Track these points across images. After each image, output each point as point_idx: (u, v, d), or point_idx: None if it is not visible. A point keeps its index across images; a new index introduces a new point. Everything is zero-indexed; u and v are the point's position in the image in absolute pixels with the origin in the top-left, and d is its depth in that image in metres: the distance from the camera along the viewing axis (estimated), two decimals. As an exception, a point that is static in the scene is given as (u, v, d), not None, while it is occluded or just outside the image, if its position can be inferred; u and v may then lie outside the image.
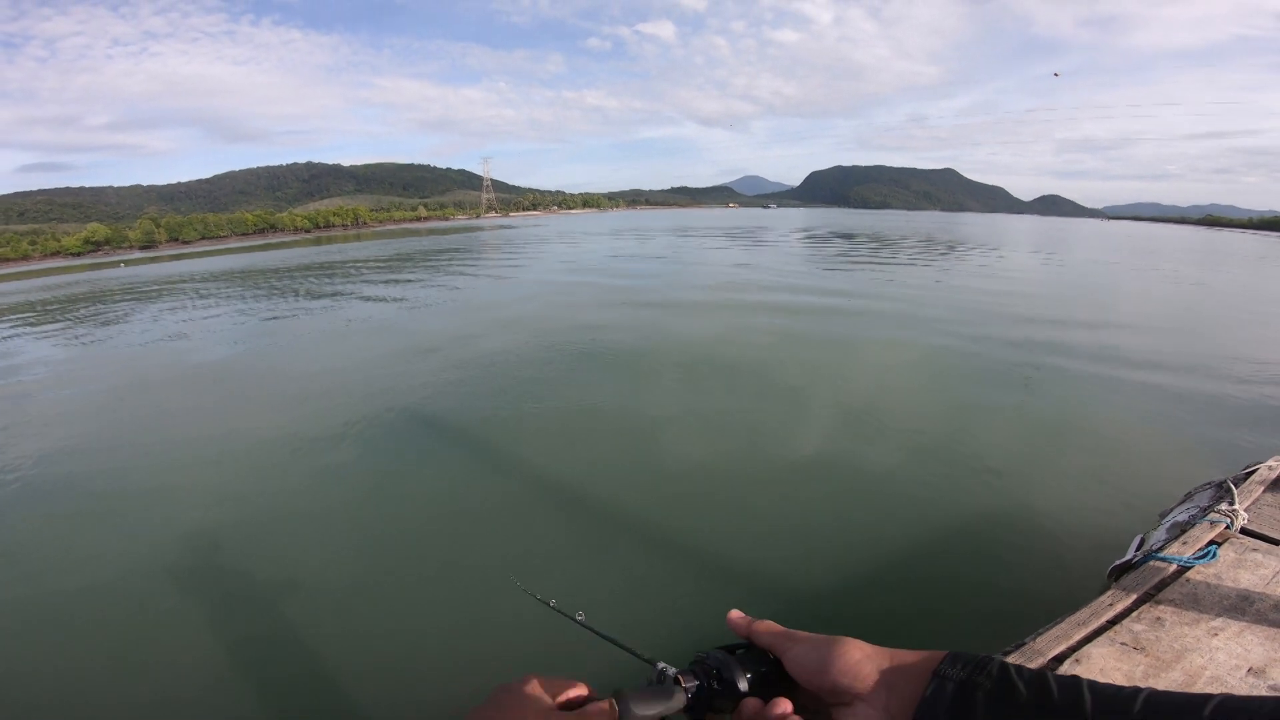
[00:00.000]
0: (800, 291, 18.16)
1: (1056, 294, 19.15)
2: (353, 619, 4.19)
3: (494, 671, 3.61)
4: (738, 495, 5.62)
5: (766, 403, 8.07)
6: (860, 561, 4.55)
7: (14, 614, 4.46)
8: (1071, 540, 4.72)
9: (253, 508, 5.82)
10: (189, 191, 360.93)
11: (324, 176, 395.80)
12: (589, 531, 5.20)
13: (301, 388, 9.66)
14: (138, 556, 5.08)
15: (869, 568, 4.46)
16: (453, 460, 6.70)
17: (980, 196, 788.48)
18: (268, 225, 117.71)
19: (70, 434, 8.07)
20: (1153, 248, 45.06)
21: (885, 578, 4.36)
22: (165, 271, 39.63)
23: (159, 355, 12.76)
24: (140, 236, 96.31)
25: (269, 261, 42.28)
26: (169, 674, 3.78)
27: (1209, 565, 2.69)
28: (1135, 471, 6.00)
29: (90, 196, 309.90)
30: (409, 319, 15.78)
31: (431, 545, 5.06)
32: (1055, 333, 12.31)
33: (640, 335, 12.02)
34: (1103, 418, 7.60)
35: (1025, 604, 3.94)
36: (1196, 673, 1.99)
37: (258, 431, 7.72)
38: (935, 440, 6.86)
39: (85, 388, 10.61)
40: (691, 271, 24.79)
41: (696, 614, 3.94)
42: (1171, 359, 10.35)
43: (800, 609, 4.06)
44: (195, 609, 4.39)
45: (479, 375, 9.62)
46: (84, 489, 6.39)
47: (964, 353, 10.61)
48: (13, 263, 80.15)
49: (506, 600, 4.20)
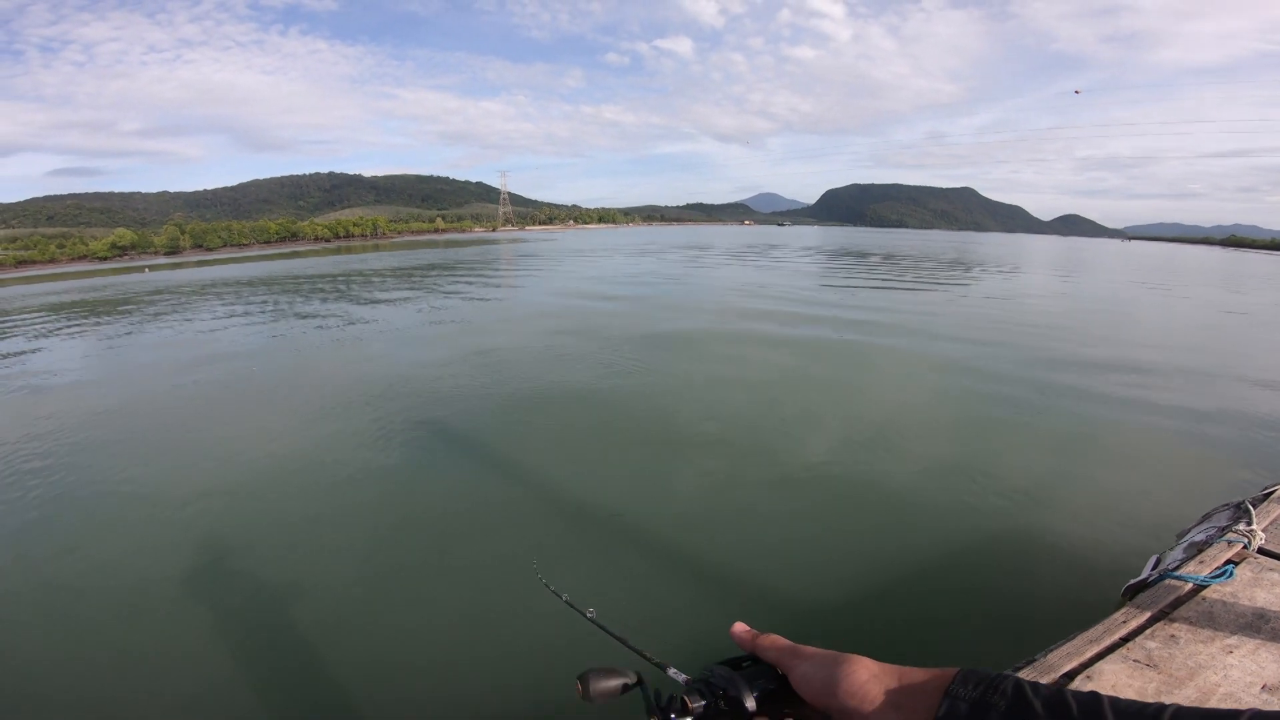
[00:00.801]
0: (813, 305, 18.14)
1: (1074, 313, 18.96)
2: (363, 617, 4.22)
3: (504, 669, 3.63)
4: (749, 504, 5.62)
5: (781, 416, 8.05)
6: (869, 573, 4.52)
7: (23, 605, 4.55)
8: (1086, 558, 4.65)
9: (265, 509, 5.89)
10: (214, 199, 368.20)
11: (345, 186, 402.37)
12: (598, 536, 5.20)
13: (320, 393, 9.78)
14: (150, 553, 5.15)
15: (878, 579, 4.43)
16: (464, 465, 6.75)
17: (999, 216, 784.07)
18: (290, 234, 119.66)
19: (87, 432, 8.22)
20: (1173, 267, 44.51)
21: (895, 590, 4.32)
22: (188, 278, 40.33)
23: (175, 359, 12.98)
24: (166, 242, 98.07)
25: (291, 270, 42.94)
26: (179, 670, 3.82)
27: (1225, 584, 2.65)
28: (1151, 492, 5.92)
29: (118, 202, 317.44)
30: (428, 328, 15.97)
31: (442, 546, 5.09)
32: (1074, 350, 12.20)
33: (654, 348, 12.06)
34: (1120, 437, 7.51)
35: (1037, 620, 3.89)
36: (1210, 690, 1.96)
37: (273, 433, 7.82)
38: (949, 455, 6.81)
39: (100, 389, 10.82)
40: (707, 289, 24.88)
41: (702, 619, 3.93)
42: (1190, 380, 10.21)
43: (808, 619, 4.03)
44: (206, 606, 4.44)
45: (496, 383, 9.70)
46: (98, 487, 6.49)
47: (979, 371, 10.53)
48: (40, 265, 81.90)
49: (517, 599, 4.23)
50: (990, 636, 3.82)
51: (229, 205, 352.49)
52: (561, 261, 40.79)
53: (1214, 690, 1.95)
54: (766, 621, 0.73)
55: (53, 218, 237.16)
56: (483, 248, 72.98)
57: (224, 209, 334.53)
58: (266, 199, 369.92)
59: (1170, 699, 1.95)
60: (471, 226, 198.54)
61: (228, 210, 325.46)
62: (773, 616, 4.09)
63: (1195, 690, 1.97)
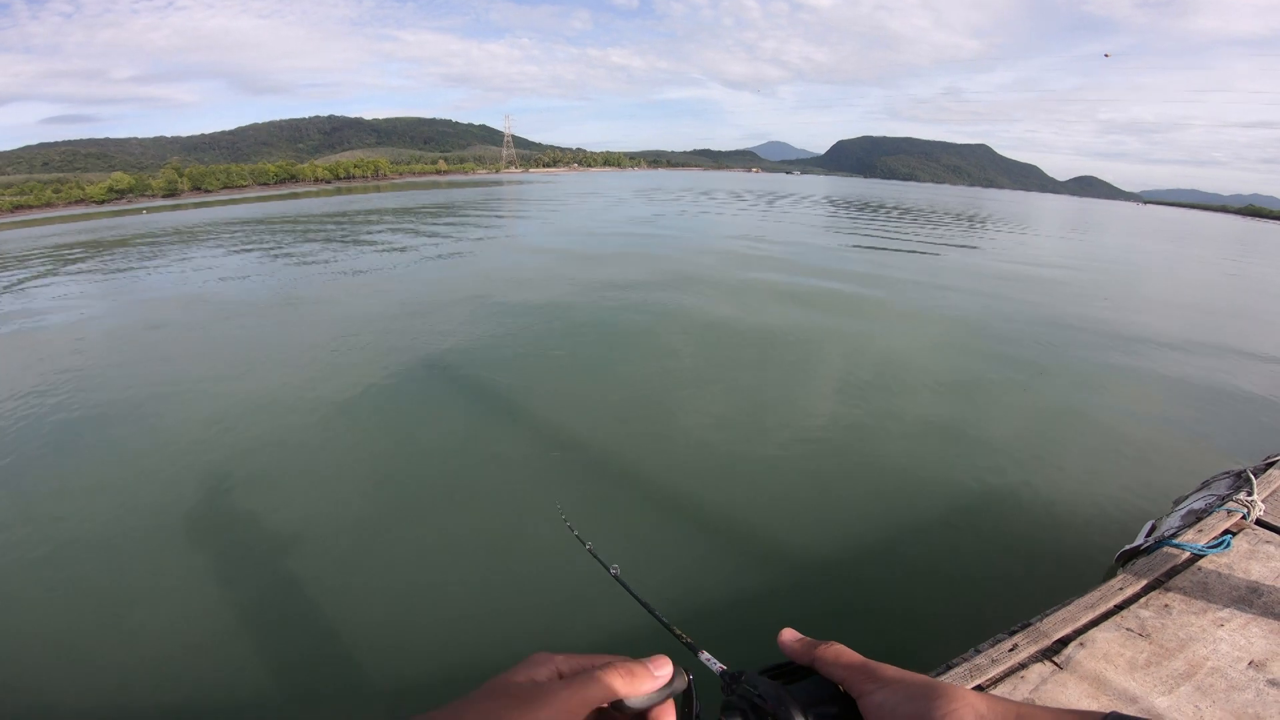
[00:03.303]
0: (816, 263, 17.90)
1: (1083, 276, 18.72)
2: (367, 555, 4.31)
3: (517, 623, 3.72)
4: (743, 473, 5.61)
5: (775, 378, 8.04)
6: (864, 538, 4.59)
7: (23, 541, 4.65)
8: (1081, 522, 4.72)
9: (266, 455, 5.94)
10: (212, 142, 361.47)
11: (345, 129, 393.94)
12: (601, 484, 5.26)
13: (322, 332, 9.75)
14: (155, 489, 5.25)
15: (874, 545, 4.50)
16: (470, 402, 6.82)
17: (1013, 174, 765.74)
18: (289, 176, 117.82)
19: (85, 374, 8.25)
20: (1188, 232, 43.65)
21: (892, 551, 4.40)
22: (187, 219, 39.89)
23: (179, 298, 12.91)
24: (163, 185, 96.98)
25: (289, 210, 42.45)
26: (181, 608, 3.92)
27: (1221, 555, 2.69)
28: (1147, 457, 5.96)
29: (114, 147, 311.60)
30: (432, 269, 15.82)
31: (449, 484, 5.16)
32: (1079, 310, 12.11)
33: (664, 295, 11.96)
34: (1121, 398, 7.53)
35: (1032, 583, 3.98)
36: (1199, 663, 2.01)
37: (274, 376, 7.81)
38: (948, 414, 6.85)
39: (101, 327, 10.81)
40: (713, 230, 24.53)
41: (693, 580, 4.02)
42: (1198, 346, 10.15)
43: (802, 583, 4.11)
44: (210, 543, 4.54)
45: (498, 323, 9.67)
46: (96, 432, 6.55)
47: (982, 331, 10.48)
48: (36, 209, 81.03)
49: (526, 540, 4.31)
50: (987, 600, 3.90)
51: (227, 149, 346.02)
52: (563, 204, 40.10)
53: (1202, 664, 1.99)
54: (811, 626, 0.62)
55: (48, 164, 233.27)
56: (487, 189, 71.92)
57: (222, 152, 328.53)
58: (265, 142, 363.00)
59: (1159, 671, 2.00)
60: (474, 169, 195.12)
61: (226, 154, 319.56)
62: (767, 574, 4.18)
63: (1184, 663, 2.01)
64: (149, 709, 3.26)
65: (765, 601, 3.87)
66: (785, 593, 4.00)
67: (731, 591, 3.96)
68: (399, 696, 3.26)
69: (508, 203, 45.52)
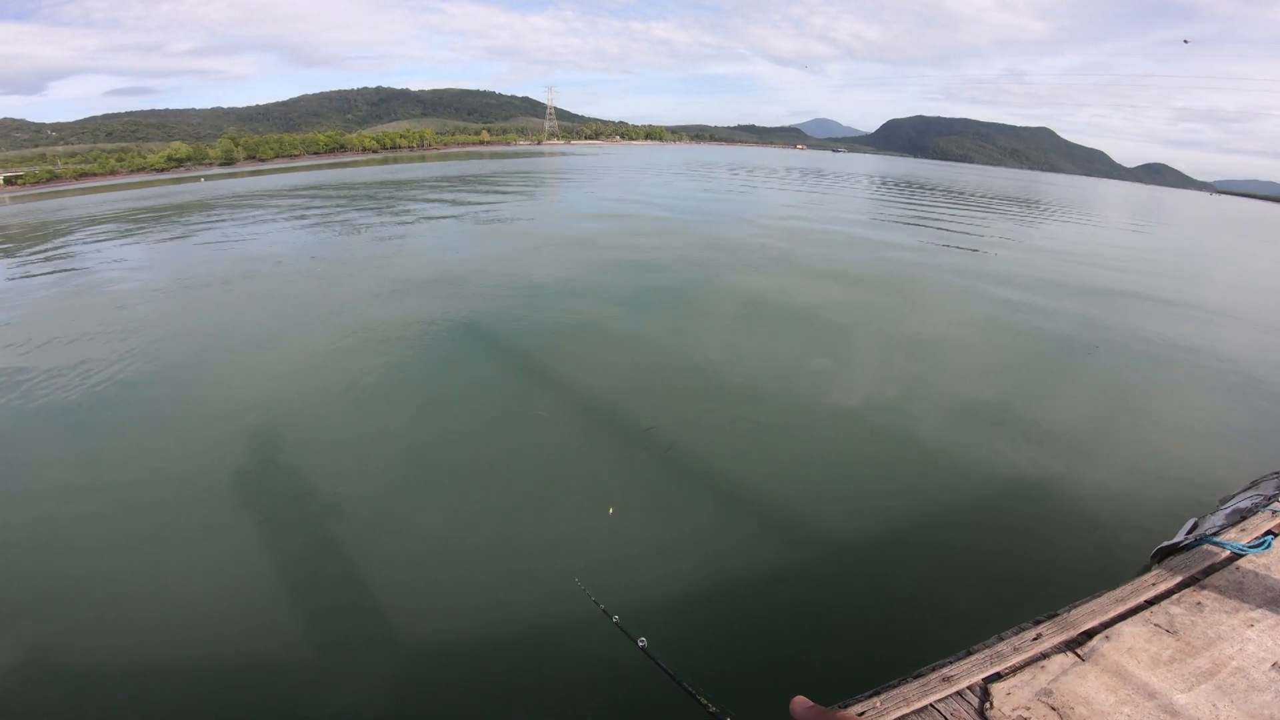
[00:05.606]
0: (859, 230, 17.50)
1: (1140, 265, 17.90)
2: (397, 524, 4.52)
3: (534, 584, 3.87)
4: (780, 456, 5.65)
5: (814, 357, 7.98)
6: (900, 518, 4.61)
7: (71, 494, 4.99)
8: (1118, 516, 4.65)
9: (305, 420, 6.20)
10: (265, 113, 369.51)
11: (392, 100, 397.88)
12: (630, 455, 5.36)
13: (375, 295, 10.02)
14: (195, 450, 5.57)
15: (909, 529, 4.51)
16: (502, 374, 6.97)
17: (1076, 159, 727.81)
18: (338, 145, 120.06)
19: (142, 336, 8.68)
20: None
21: (923, 539, 4.41)
22: (245, 186, 41.10)
23: (233, 262, 13.37)
24: (220, 154, 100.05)
25: (340, 178, 43.43)
26: (218, 564, 4.17)
27: (1261, 555, 2.65)
28: (1191, 455, 5.78)
29: (173, 118, 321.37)
30: (476, 232, 16.01)
31: (478, 458, 5.34)
32: (1136, 298, 11.66)
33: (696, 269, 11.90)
34: (1169, 395, 7.29)
35: (1062, 575, 3.95)
36: (1223, 662, 2.01)
37: (319, 345, 8.08)
38: (990, 398, 6.75)
39: (162, 290, 11.29)
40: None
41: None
42: (1260, 341, 9.69)
43: (833, 568, 4.16)
44: (244, 505, 4.79)
45: (538, 293, 9.79)
46: (149, 392, 6.93)
47: (1031, 314, 10.17)
48: (100, 177, 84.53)
49: (545, 518, 4.46)
50: (1014, 589, 3.89)
51: (280, 119, 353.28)
52: (600, 177, 39.92)
53: (1226, 663, 2.00)
54: (824, 693, 0.61)
55: (110, 134, 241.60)
56: (529, 159, 72.18)
57: (275, 123, 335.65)
58: (316, 112, 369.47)
59: (1182, 668, 2.01)
60: (516, 140, 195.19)
61: (279, 124, 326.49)
62: (798, 562, 4.24)
63: (1208, 661, 2.02)
64: (185, 661, 3.47)
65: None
66: (814, 587, 4.06)
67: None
68: (437, 655, 3.44)
69: (548, 174, 45.54)
